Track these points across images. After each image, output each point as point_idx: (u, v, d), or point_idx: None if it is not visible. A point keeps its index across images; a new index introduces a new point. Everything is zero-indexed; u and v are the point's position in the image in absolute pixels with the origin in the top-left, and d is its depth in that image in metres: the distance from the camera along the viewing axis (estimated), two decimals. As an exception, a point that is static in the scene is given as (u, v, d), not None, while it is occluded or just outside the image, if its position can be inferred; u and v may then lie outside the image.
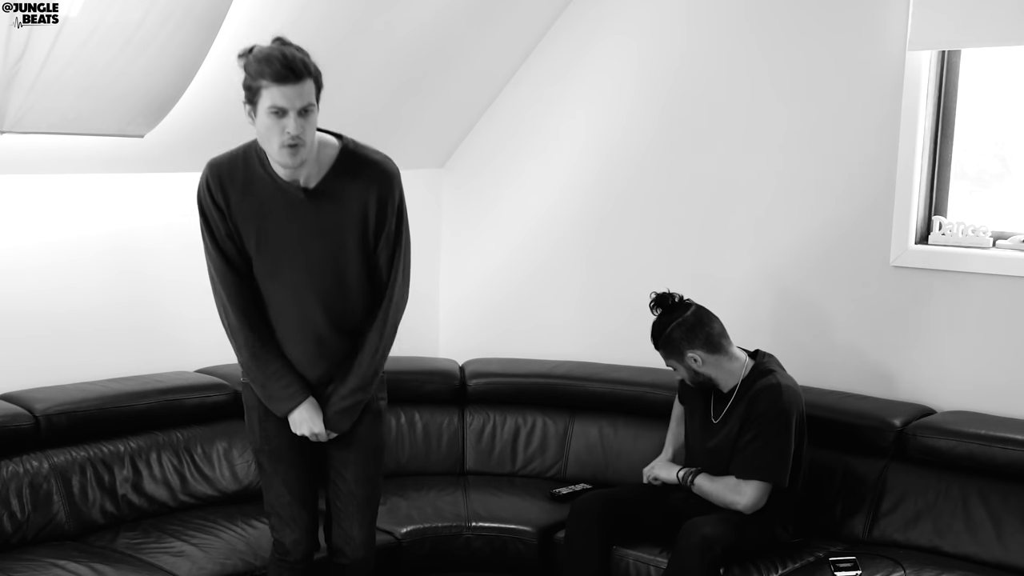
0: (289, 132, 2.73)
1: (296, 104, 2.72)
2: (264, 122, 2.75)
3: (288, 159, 2.77)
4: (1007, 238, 3.83)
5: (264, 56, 2.73)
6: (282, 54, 2.73)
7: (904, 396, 3.91)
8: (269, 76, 2.70)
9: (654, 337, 3.59)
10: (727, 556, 3.35)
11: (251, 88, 2.75)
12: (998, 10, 3.65)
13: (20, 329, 3.76)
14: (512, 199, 4.81)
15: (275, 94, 2.71)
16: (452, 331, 4.94)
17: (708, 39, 4.31)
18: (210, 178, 2.88)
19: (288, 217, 2.88)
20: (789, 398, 3.47)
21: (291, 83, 2.71)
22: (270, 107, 2.72)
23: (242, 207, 2.87)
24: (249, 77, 2.75)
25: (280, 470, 3.06)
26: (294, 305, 2.94)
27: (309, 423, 2.99)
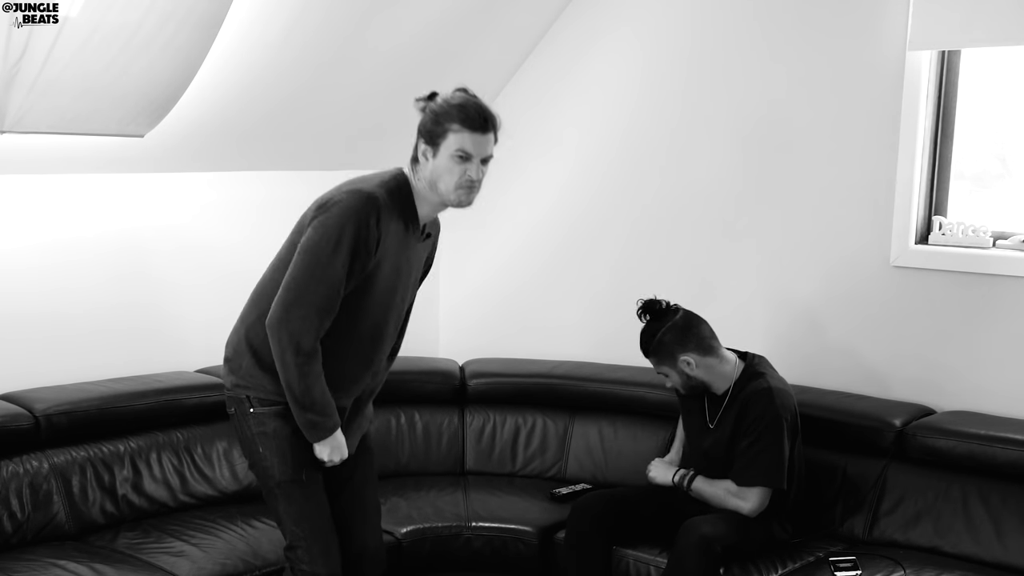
0: (470, 177, 2.87)
1: (483, 152, 2.87)
2: (445, 164, 2.86)
3: (464, 198, 2.90)
4: (1007, 238, 3.83)
5: (460, 103, 2.87)
6: (478, 105, 2.88)
7: (904, 396, 3.91)
8: (463, 122, 2.83)
9: (644, 344, 3.58)
10: (727, 555, 3.35)
11: (435, 130, 2.85)
12: (998, 10, 3.65)
13: (20, 329, 3.76)
14: (513, 199, 4.81)
15: (466, 140, 2.84)
16: (452, 331, 4.94)
17: (709, 39, 4.31)
18: (373, 210, 2.84)
19: (404, 253, 2.98)
20: (781, 401, 3.47)
21: (482, 132, 2.86)
22: (457, 150, 2.84)
23: (387, 242, 2.89)
24: (436, 119, 2.86)
25: (315, 499, 2.98)
26: (369, 339, 2.98)
27: (342, 449, 2.96)
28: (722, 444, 3.51)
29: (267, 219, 3.95)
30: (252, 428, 2.95)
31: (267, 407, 2.92)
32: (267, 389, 2.91)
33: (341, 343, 2.90)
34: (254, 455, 2.98)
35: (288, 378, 2.82)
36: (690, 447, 3.68)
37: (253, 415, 2.94)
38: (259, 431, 2.94)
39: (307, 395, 2.83)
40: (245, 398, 2.94)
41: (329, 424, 2.89)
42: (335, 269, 2.80)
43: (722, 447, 3.52)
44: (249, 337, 2.94)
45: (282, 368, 2.83)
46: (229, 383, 2.99)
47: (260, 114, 4.00)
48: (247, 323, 2.97)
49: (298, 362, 2.80)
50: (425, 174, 2.90)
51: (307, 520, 2.97)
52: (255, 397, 2.93)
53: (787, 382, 3.61)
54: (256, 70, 3.80)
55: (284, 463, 2.93)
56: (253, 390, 2.93)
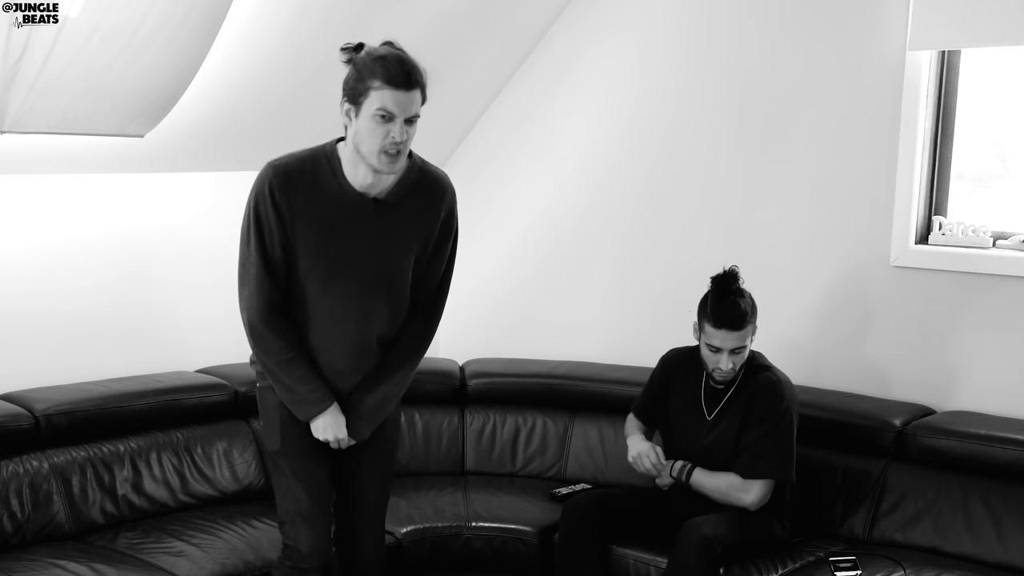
0: (394, 138, 2.68)
1: (407, 112, 2.68)
2: (367, 125, 2.68)
3: (386, 165, 2.72)
4: (1007, 238, 3.83)
5: (381, 56, 2.67)
6: (401, 59, 2.67)
7: (904, 396, 3.91)
8: (384, 78, 2.64)
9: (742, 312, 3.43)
10: (727, 555, 3.35)
11: (358, 87, 2.67)
12: (998, 10, 3.65)
13: (20, 329, 3.76)
14: (512, 199, 4.81)
15: (387, 97, 2.65)
16: (452, 331, 4.93)
17: (709, 38, 4.31)
18: (274, 181, 2.78)
19: (355, 228, 2.82)
20: (789, 395, 3.50)
21: (405, 89, 2.66)
22: (379, 109, 2.66)
23: (306, 213, 2.78)
24: (358, 75, 2.67)
25: (302, 474, 2.96)
26: (343, 315, 2.87)
27: (334, 429, 2.90)
28: (728, 437, 3.50)
29: (267, 219, 3.94)
30: (259, 402, 3.05)
31: (265, 382, 2.99)
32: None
33: (305, 320, 2.88)
34: (260, 428, 3.10)
35: (259, 359, 2.90)
36: (684, 443, 3.63)
37: (259, 390, 3.03)
38: (262, 404, 3.03)
39: (281, 372, 2.87)
40: (258, 373, 3.02)
41: (311, 400, 2.88)
42: (251, 247, 2.81)
43: (728, 440, 3.50)
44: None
45: (252, 351, 2.93)
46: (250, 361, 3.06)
47: (259, 114, 4.00)
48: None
49: (255, 343, 2.87)
50: (351, 136, 2.74)
51: (291, 496, 2.97)
52: (259, 372, 3.00)
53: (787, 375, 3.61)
54: (255, 70, 3.80)
55: (272, 435, 2.99)
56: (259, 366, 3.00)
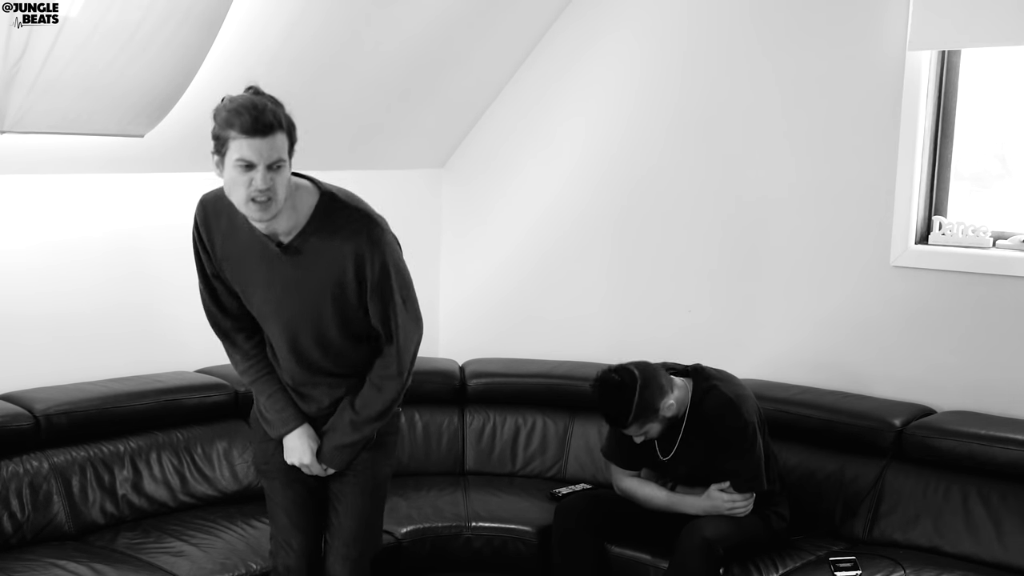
0: (256, 187, 2.59)
1: (265, 158, 2.59)
2: (231, 175, 2.62)
3: (255, 213, 2.64)
4: (1007, 238, 3.83)
5: (235, 107, 2.60)
6: (252, 104, 2.59)
7: (904, 396, 3.91)
8: (238, 127, 2.57)
9: (622, 416, 3.35)
10: (727, 555, 3.35)
11: (219, 138, 2.62)
12: (998, 10, 3.65)
13: (20, 329, 3.76)
14: (512, 199, 4.81)
15: (243, 147, 2.58)
16: (452, 331, 4.94)
17: (708, 39, 4.31)
18: (198, 216, 2.83)
19: (266, 271, 2.78)
20: (746, 407, 3.44)
21: (260, 136, 2.57)
22: (238, 160, 2.59)
23: (226, 250, 2.80)
24: (217, 127, 2.62)
25: (276, 491, 3.00)
26: (279, 348, 2.90)
27: (299, 453, 2.91)
28: (687, 468, 3.49)
29: (267, 219, 3.94)
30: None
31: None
32: None
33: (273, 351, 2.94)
34: None
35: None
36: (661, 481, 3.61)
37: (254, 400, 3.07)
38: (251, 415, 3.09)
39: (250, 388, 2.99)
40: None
41: (278, 419, 2.93)
42: (198, 272, 2.90)
43: (689, 471, 3.49)
44: None
45: None
46: None
47: (260, 114, 3.99)
48: None
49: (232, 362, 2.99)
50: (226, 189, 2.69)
51: (270, 512, 3.07)
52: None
53: (734, 377, 3.56)
54: (256, 70, 3.79)
55: (255, 449, 3.11)
56: None
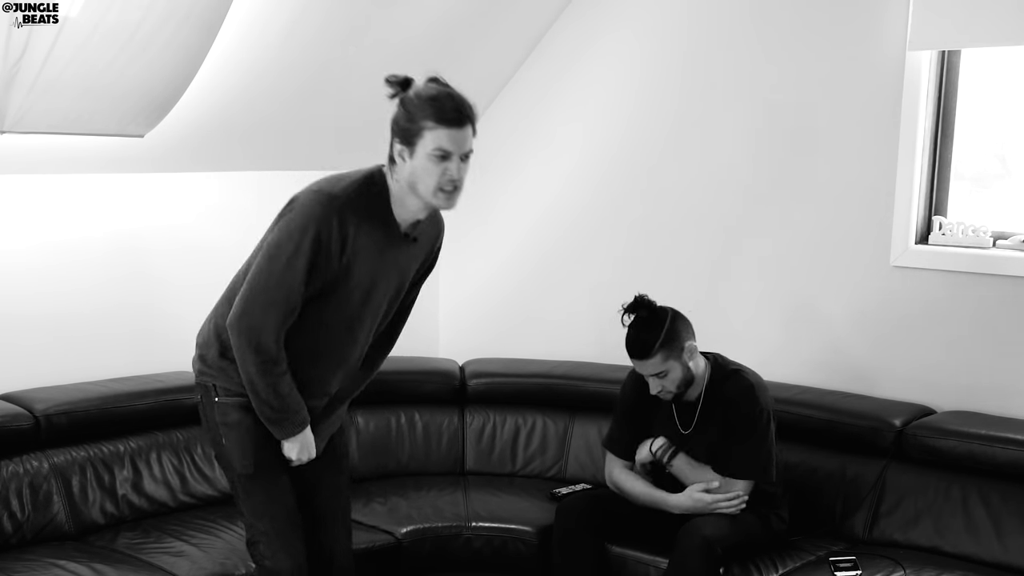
0: (451, 177, 2.69)
1: (462, 149, 2.70)
2: (423, 164, 2.69)
3: (444, 202, 2.74)
4: (1007, 238, 3.83)
5: (432, 96, 2.69)
6: (451, 96, 2.69)
7: (904, 396, 3.91)
8: (437, 118, 2.67)
9: (649, 340, 3.40)
10: (727, 555, 3.35)
11: (411, 126, 2.69)
12: (998, 10, 3.65)
13: (20, 329, 3.76)
14: (512, 199, 4.81)
15: (442, 137, 2.67)
16: (452, 331, 4.94)
17: (708, 39, 4.31)
18: (338, 213, 2.74)
19: (383, 257, 2.83)
20: (763, 398, 3.47)
21: (459, 127, 2.68)
22: (435, 149, 2.67)
23: (361, 246, 2.77)
24: (409, 115, 2.70)
25: (277, 494, 2.93)
26: (340, 339, 2.88)
27: (310, 448, 2.91)
28: (704, 446, 3.49)
29: (267, 219, 3.90)
30: (216, 417, 2.91)
31: (231, 398, 2.88)
32: (232, 380, 2.87)
33: (310, 344, 2.85)
34: (218, 446, 2.95)
35: (250, 377, 2.79)
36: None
37: (218, 404, 2.90)
38: (222, 421, 2.90)
39: (272, 393, 2.79)
40: (212, 386, 2.90)
41: (296, 421, 2.85)
42: (294, 272, 2.73)
43: (706, 449, 3.49)
44: (218, 329, 2.90)
45: (243, 367, 2.79)
46: (196, 371, 2.96)
47: (260, 114, 4.00)
48: (216, 316, 2.93)
49: (258, 360, 2.76)
50: (403, 175, 2.74)
51: (266, 515, 2.93)
52: (221, 387, 2.89)
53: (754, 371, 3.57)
54: (256, 70, 3.80)
55: (244, 456, 2.89)
56: (219, 380, 2.89)
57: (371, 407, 4.22)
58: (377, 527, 3.71)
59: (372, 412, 4.25)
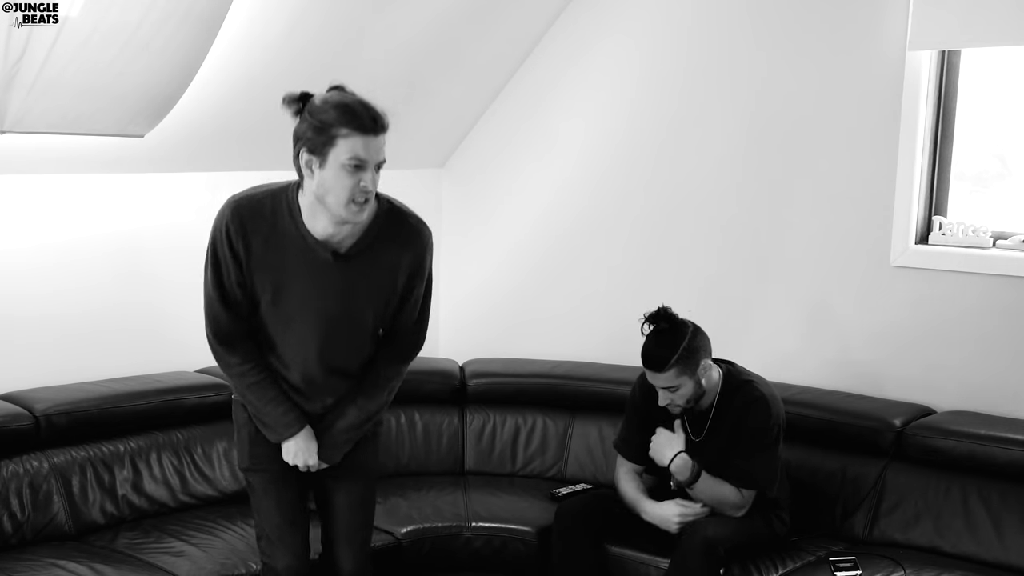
0: (365, 187, 2.60)
1: (376, 158, 2.62)
2: (335, 174, 2.59)
3: (354, 215, 2.64)
4: (1007, 238, 3.83)
5: (345, 103, 2.59)
6: (363, 103, 2.61)
7: (904, 396, 3.91)
8: (352, 125, 2.56)
9: (666, 354, 3.33)
10: (728, 556, 3.34)
11: (322, 135, 2.58)
12: (998, 10, 3.65)
13: (20, 329, 3.76)
14: (512, 199, 4.81)
15: (358, 145, 2.57)
16: (452, 331, 4.95)
17: (708, 39, 4.31)
18: (231, 222, 2.70)
19: (311, 278, 2.74)
20: (776, 409, 3.45)
21: (374, 135, 2.59)
22: (350, 159, 2.57)
23: (263, 258, 2.72)
24: (319, 125, 2.58)
25: (272, 492, 2.94)
26: (304, 352, 2.85)
27: (304, 455, 2.89)
28: (721, 456, 3.45)
29: (267, 219, 3.95)
30: (232, 414, 3.04)
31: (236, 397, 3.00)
32: None
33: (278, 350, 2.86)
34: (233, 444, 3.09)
35: (232, 382, 2.92)
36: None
37: (234, 402, 3.02)
38: (234, 419, 3.03)
39: (246, 393, 2.88)
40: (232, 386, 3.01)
41: (282, 422, 2.86)
42: (208, 278, 2.78)
43: (721, 459, 3.44)
44: None
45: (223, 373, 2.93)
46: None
47: (259, 114, 3.99)
48: None
49: (225, 368, 2.88)
50: (312, 187, 2.63)
51: (262, 512, 2.98)
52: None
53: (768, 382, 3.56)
54: (256, 70, 3.80)
55: (242, 451, 2.99)
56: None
57: (371, 407, 4.22)
58: (377, 527, 3.70)
59: (372, 412, 4.25)
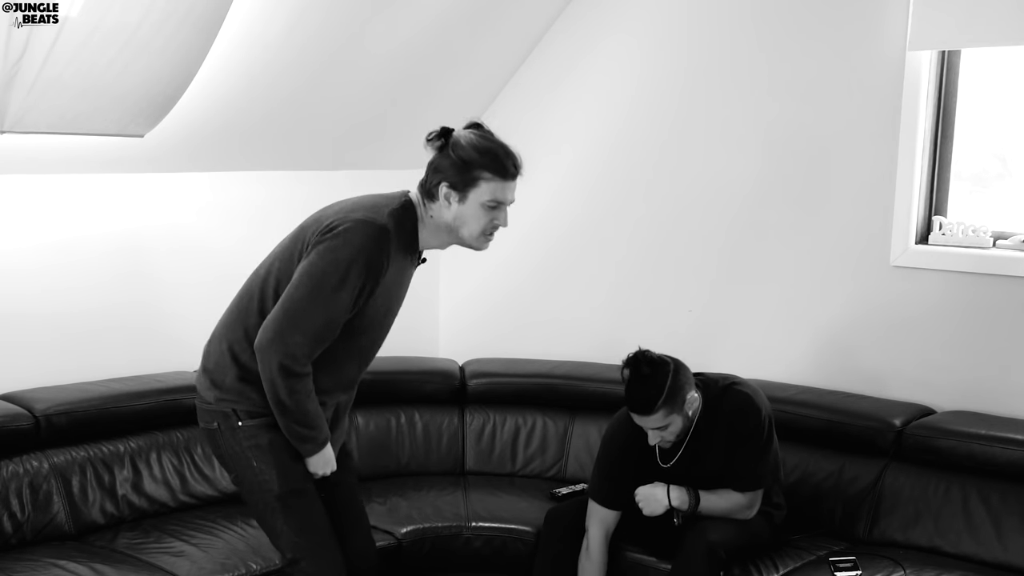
0: (499, 224, 2.84)
1: (510, 198, 2.85)
2: (474, 211, 2.80)
3: (484, 244, 2.88)
4: (1007, 238, 3.83)
5: (488, 148, 2.80)
6: (506, 150, 2.82)
7: (904, 396, 3.91)
8: (496, 171, 2.78)
9: (651, 398, 3.24)
10: (730, 558, 3.33)
11: (465, 177, 2.78)
12: (998, 10, 3.65)
13: (20, 329, 3.76)
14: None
15: (498, 189, 2.80)
16: (452, 331, 4.94)
17: (708, 39, 4.31)
18: (387, 246, 2.77)
19: (401, 278, 2.92)
20: (762, 403, 3.43)
21: (513, 179, 2.83)
22: (490, 200, 2.80)
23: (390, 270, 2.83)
24: (464, 163, 2.78)
25: (315, 508, 2.93)
26: (360, 356, 2.95)
27: (331, 463, 2.93)
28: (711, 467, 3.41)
29: (267, 219, 3.95)
30: (243, 442, 2.86)
31: (256, 419, 2.84)
32: (255, 402, 2.83)
33: (332, 364, 2.84)
34: (246, 470, 2.88)
35: (279, 398, 2.76)
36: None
37: (243, 428, 2.85)
38: (252, 444, 2.86)
39: (300, 413, 2.78)
40: (232, 412, 2.85)
41: (321, 439, 2.85)
42: (340, 301, 2.72)
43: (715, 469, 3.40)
44: (234, 351, 2.85)
45: (271, 388, 2.76)
46: (211, 397, 2.88)
47: (260, 114, 4.00)
48: (230, 337, 2.87)
49: (289, 384, 2.74)
50: (446, 216, 2.83)
51: (311, 530, 2.90)
52: (243, 410, 2.84)
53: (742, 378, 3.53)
54: (256, 70, 3.80)
55: (284, 475, 2.86)
56: (240, 403, 2.84)
57: (371, 407, 4.22)
58: (377, 527, 3.70)
59: (372, 412, 4.25)
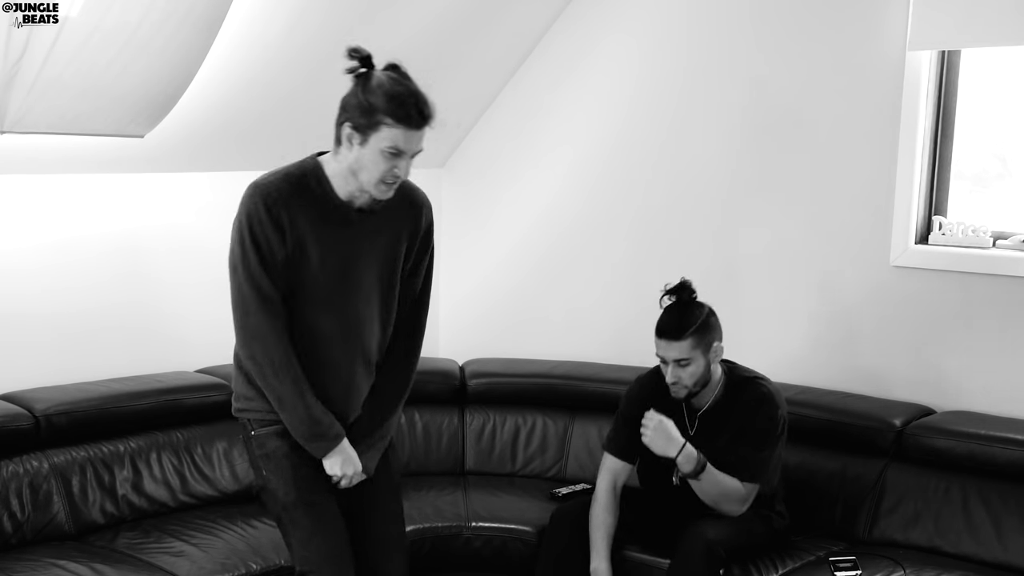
0: (397, 173, 2.66)
1: (414, 148, 2.67)
2: (372, 157, 2.64)
3: (382, 193, 2.70)
4: (1007, 238, 3.83)
5: (397, 93, 2.61)
6: (416, 96, 2.63)
7: (903, 396, 3.91)
8: (398, 117, 2.61)
9: (684, 322, 3.33)
10: (729, 557, 3.34)
11: (370, 118, 2.62)
12: (998, 10, 3.65)
13: (20, 329, 3.76)
14: (512, 199, 4.81)
15: (399, 137, 2.62)
16: (452, 331, 4.95)
17: (708, 39, 4.31)
18: (265, 199, 2.68)
19: (345, 238, 2.75)
20: (782, 406, 3.45)
21: (419, 129, 2.64)
22: (389, 147, 2.62)
23: (303, 228, 2.70)
24: (369, 107, 2.62)
25: (326, 519, 2.80)
26: (341, 336, 2.78)
27: (353, 462, 2.79)
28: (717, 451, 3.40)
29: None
30: (256, 451, 2.85)
31: (265, 428, 2.82)
32: (263, 409, 2.80)
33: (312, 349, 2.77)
34: (260, 479, 2.86)
35: (276, 394, 2.73)
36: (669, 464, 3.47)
37: (255, 438, 2.84)
38: (261, 453, 2.83)
39: (292, 408, 2.73)
40: (247, 421, 2.85)
41: (331, 433, 2.76)
42: (250, 271, 2.69)
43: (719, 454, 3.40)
44: (238, 357, 2.85)
45: (266, 387, 2.74)
46: (234, 407, 2.90)
47: (259, 114, 4.00)
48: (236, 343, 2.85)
49: (277, 374, 2.71)
50: (348, 160, 2.68)
51: (316, 544, 2.80)
52: (255, 419, 2.83)
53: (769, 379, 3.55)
54: (256, 70, 3.80)
55: (288, 484, 2.80)
56: (251, 412, 2.84)
57: (371, 407, 4.22)
58: (377, 527, 3.71)
59: (372, 412, 4.25)
